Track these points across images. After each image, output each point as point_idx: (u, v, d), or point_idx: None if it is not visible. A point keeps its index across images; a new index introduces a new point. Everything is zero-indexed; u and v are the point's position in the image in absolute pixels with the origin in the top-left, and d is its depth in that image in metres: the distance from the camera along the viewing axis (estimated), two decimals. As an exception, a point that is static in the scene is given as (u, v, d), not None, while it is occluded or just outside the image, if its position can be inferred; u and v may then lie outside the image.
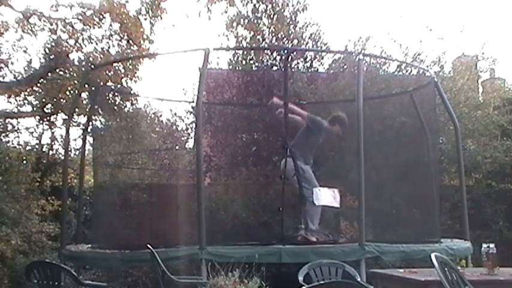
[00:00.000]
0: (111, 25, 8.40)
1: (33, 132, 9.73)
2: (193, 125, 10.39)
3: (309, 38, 10.62)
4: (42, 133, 9.86)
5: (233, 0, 8.38)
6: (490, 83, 14.76)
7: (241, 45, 10.02)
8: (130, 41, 8.41)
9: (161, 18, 8.57)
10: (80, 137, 8.75)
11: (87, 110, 8.14)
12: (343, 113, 6.98)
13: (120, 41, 8.48)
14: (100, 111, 8.63)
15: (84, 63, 8.43)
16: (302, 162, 6.73)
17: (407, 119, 8.59)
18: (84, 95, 8.44)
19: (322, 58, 10.86)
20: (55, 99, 8.77)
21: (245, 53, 10.59)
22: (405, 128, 8.59)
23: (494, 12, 27.52)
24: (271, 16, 9.66)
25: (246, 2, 8.78)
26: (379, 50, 10.13)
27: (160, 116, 12.81)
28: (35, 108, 9.16)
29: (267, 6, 9.31)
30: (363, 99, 6.25)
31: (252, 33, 9.27)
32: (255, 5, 8.96)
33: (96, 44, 8.39)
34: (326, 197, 6.47)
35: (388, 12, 23.52)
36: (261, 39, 10.08)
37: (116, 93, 8.95)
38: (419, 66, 9.56)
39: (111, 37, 8.50)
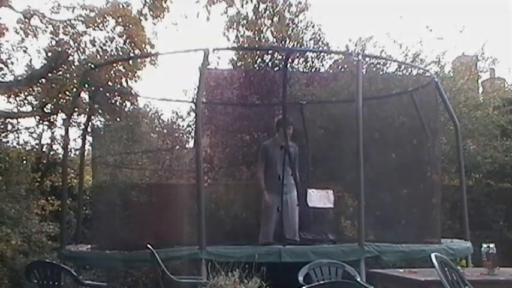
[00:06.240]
0: (114, 28, 8.40)
1: (33, 132, 9.74)
2: (194, 125, 10.38)
3: (310, 39, 10.63)
4: (42, 133, 9.87)
5: (232, 1, 8.38)
6: (490, 83, 14.74)
7: (241, 45, 10.03)
8: (132, 44, 8.40)
9: (162, 17, 8.57)
10: (79, 137, 8.76)
11: (87, 110, 8.14)
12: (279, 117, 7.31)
13: (124, 44, 8.48)
14: (100, 111, 8.63)
15: (84, 63, 8.42)
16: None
17: (407, 119, 8.59)
18: (84, 95, 8.44)
19: (323, 59, 10.87)
20: (55, 99, 8.77)
21: (245, 53, 10.59)
22: (405, 128, 8.59)
23: (494, 12, 27.52)
24: (272, 16, 9.66)
25: (245, 1, 8.77)
26: (379, 50, 10.14)
27: (161, 115, 12.80)
28: (34, 108, 9.16)
29: (267, 6, 9.30)
30: (363, 100, 6.25)
31: (253, 33, 9.28)
32: (255, 5, 8.96)
33: (100, 47, 8.39)
34: (319, 198, 6.56)
35: (388, 13, 23.51)
36: (261, 40, 10.08)
37: (116, 93, 8.95)
38: (420, 67, 9.56)
39: (113, 39, 8.50)
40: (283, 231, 6.78)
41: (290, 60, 9.78)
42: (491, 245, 4.62)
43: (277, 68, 10.34)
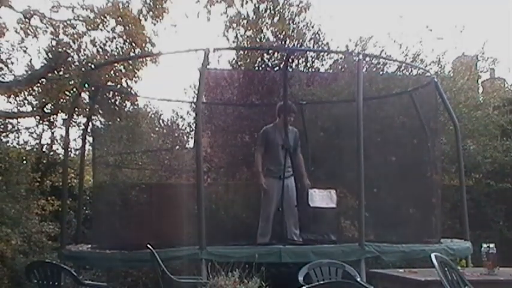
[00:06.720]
0: (114, 28, 8.37)
1: (33, 133, 9.73)
2: (194, 124, 10.39)
3: (310, 39, 10.62)
4: (42, 133, 9.86)
5: (232, 1, 8.36)
6: (490, 83, 14.74)
7: (242, 45, 10.01)
8: (133, 44, 8.38)
9: (162, 18, 8.55)
10: (79, 137, 8.76)
11: (87, 110, 8.14)
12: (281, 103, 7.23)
13: (124, 43, 8.45)
14: (100, 111, 8.63)
15: (84, 63, 8.40)
16: None
17: (407, 119, 8.59)
18: (84, 95, 8.43)
19: (323, 59, 10.88)
20: (55, 99, 8.75)
21: (246, 53, 10.59)
22: (405, 128, 8.60)
23: (494, 12, 27.52)
24: (272, 16, 9.64)
25: (245, 1, 8.75)
26: (379, 50, 10.15)
27: (161, 115, 12.81)
28: (34, 108, 9.13)
29: (267, 6, 9.28)
30: (363, 99, 6.26)
31: (253, 33, 9.26)
32: (255, 4, 8.93)
33: (101, 48, 8.36)
34: (321, 198, 6.54)
35: (388, 13, 23.53)
36: (262, 40, 10.07)
37: (116, 93, 8.94)
38: (420, 67, 9.57)
39: (113, 39, 8.47)
40: (284, 228, 6.77)
41: (290, 60, 9.78)
42: (491, 245, 4.62)
43: (277, 68, 10.34)
